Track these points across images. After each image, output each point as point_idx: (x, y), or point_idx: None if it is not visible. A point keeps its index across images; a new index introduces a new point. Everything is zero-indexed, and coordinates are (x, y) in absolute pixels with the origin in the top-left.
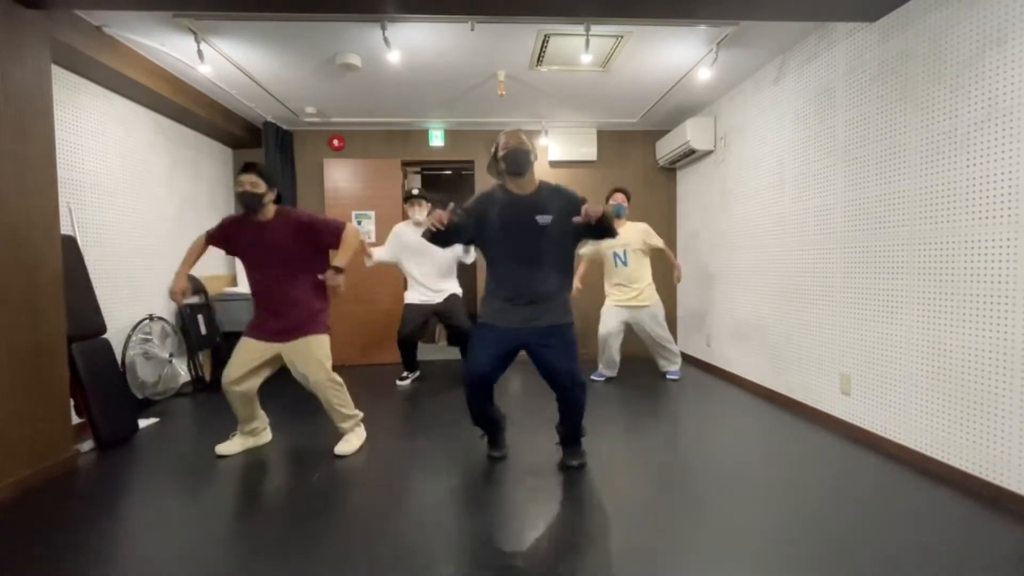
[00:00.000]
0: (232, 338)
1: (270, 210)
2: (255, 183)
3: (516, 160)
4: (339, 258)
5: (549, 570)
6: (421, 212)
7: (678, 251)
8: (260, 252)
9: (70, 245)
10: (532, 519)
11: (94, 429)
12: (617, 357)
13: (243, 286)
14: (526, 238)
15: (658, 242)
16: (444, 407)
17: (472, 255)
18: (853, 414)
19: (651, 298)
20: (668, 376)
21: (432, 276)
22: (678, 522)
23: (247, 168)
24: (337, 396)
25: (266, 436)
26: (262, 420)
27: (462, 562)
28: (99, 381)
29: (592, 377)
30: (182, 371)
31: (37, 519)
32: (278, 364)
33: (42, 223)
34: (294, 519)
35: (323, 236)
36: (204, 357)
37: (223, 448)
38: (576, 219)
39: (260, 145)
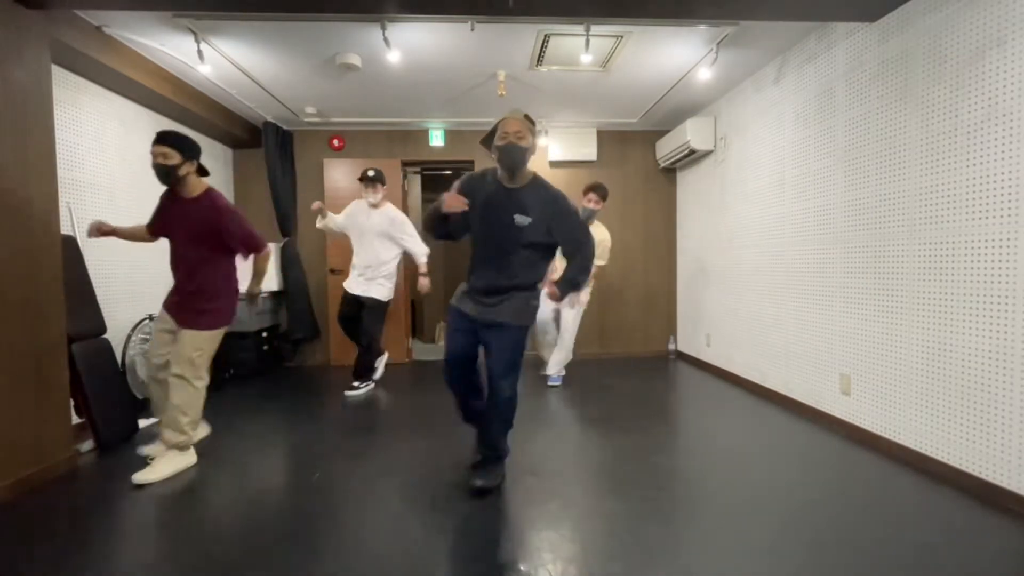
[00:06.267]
0: (231, 338)
1: (194, 185)
2: (167, 154)
3: (510, 156)
4: (253, 284)
5: (549, 571)
6: (376, 195)
7: (678, 251)
8: (182, 230)
9: (70, 245)
10: (532, 519)
11: (94, 429)
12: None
13: (243, 286)
14: (501, 233)
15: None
16: (439, 407)
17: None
18: (853, 414)
19: None
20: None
21: (368, 266)
22: (677, 522)
23: (158, 139)
24: (185, 395)
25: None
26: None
27: (462, 563)
28: (99, 381)
29: (550, 383)
30: None
31: (37, 519)
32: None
33: (42, 223)
34: (295, 518)
35: (233, 241)
36: None
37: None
38: (547, 293)
39: (260, 145)
